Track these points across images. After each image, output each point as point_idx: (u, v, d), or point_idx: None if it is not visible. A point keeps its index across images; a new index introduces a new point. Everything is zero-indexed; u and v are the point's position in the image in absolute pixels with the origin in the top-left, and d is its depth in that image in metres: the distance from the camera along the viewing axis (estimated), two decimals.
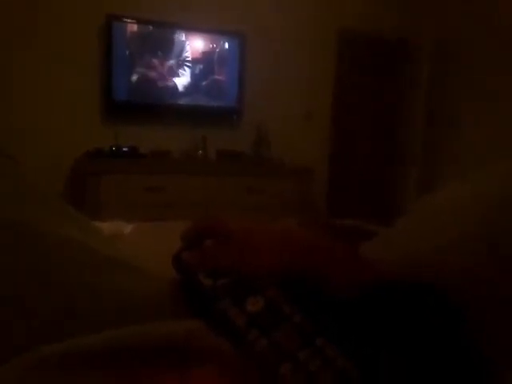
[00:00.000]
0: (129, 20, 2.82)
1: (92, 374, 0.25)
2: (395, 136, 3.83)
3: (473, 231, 0.38)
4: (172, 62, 2.95)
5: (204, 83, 3.05)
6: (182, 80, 2.99)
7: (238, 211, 2.68)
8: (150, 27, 2.88)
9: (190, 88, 3.02)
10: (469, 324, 0.31)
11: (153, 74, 2.92)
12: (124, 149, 2.71)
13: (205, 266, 0.36)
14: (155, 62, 2.91)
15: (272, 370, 0.28)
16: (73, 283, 0.32)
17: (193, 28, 2.99)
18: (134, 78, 2.87)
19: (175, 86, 2.98)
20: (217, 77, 3.08)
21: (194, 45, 3.00)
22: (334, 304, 0.32)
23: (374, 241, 0.45)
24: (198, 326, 0.29)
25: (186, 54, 2.98)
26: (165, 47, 2.93)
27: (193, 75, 3.02)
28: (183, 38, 2.96)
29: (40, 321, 0.29)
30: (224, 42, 3.07)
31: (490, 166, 0.44)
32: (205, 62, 3.03)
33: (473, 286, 0.35)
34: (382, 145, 3.80)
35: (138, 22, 2.85)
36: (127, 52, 2.83)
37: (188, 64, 2.99)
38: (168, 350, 0.27)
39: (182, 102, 3.01)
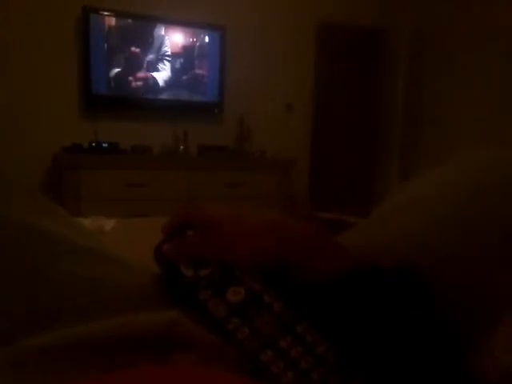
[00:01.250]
0: (106, 13, 2.76)
1: (74, 365, 0.25)
2: (376, 125, 3.87)
3: (452, 216, 0.39)
4: (152, 56, 2.92)
5: (184, 77, 3.02)
6: (163, 74, 2.96)
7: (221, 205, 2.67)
8: (129, 20, 2.83)
9: (170, 82, 2.99)
10: (446, 305, 0.32)
11: (132, 69, 2.87)
12: (104, 145, 2.67)
13: (185, 257, 0.36)
14: (134, 55, 2.87)
15: (253, 357, 0.28)
16: (54, 275, 0.32)
17: (172, 21, 2.95)
18: (113, 72, 2.83)
19: (155, 81, 2.95)
20: (197, 71, 3.06)
21: (174, 38, 2.96)
22: (314, 290, 0.33)
23: (353, 229, 0.46)
24: (179, 316, 0.30)
25: (166, 48, 2.95)
26: (144, 41, 2.89)
27: (173, 69, 2.98)
28: (163, 32, 2.92)
29: (21, 313, 0.29)
30: (204, 36, 3.04)
31: (467, 153, 0.45)
32: (185, 56, 3.00)
33: (452, 269, 0.36)
34: (363, 135, 3.84)
35: (116, 14, 2.79)
36: (106, 45, 2.78)
37: (168, 58, 2.96)
38: (149, 339, 0.27)
39: (163, 96, 2.98)
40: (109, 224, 1.15)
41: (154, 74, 2.94)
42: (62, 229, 0.37)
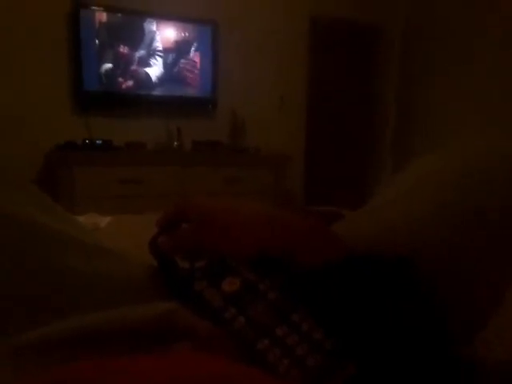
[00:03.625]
0: (96, 7, 2.74)
1: (73, 357, 0.26)
2: (370, 119, 3.88)
3: (448, 203, 0.39)
4: (143, 51, 2.90)
5: (176, 73, 3.01)
6: (155, 70, 2.94)
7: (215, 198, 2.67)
8: (119, 15, 2.81)
9: (162, 78, 2.97)
10: (440, 294, 0.32)
11: (124, 64, 2.85)
12: (97, 141, 2.65)
13: (180, 249, 0.37)
14: (126, 51, 2.85)
15: (250, 346, 0.29)
16: (54, 270, 0.33)
17: (163, 16, 2.93)
18: (105, 68, 2.81)
19: (148, 76, 2.93)
20: (190, 66, 3.04)
21: (166, 34, 2.94)
22: (309, 278, 0.33)
23: (343, 221, 0.46)
24: (176, 307, 0.30)
25: (158, 43, 2.93)
26: (135, 36, 2.86)
27: (165, 65, 2.97)
28: (154, 27, 2.90)
29: (21, 307, 0.30)
30: (196, 31, 3.02)
31: (453, 145, 0.45)
32: (177, 51, 2.99)
33: (448, 256, 0.37)
34: (357, 128, 3.85)
35: (106, 9, 2.77)
36: (96, 41, 2.76)
37: (160, 53, 2.94)
38: (148, 330, 0.28)
39: (155, 92, 2.97)
40: (103, 221, 1.15)
41: (146, 70, 2.92)
42: (58, 223, 0.37)
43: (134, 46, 2.87)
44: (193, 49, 3.03)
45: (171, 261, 0.36)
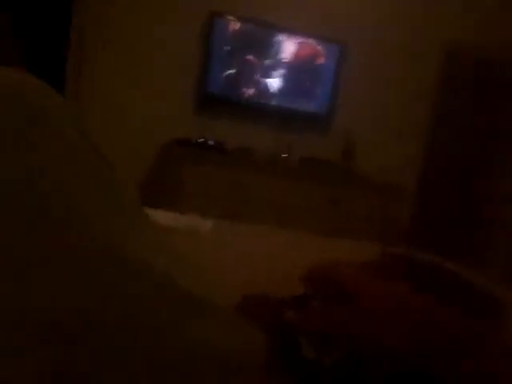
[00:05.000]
0: (231, 18, 2.86)
1: None
2: (493, 167, 3.42)
3: None
4: (268, 62, 2.94)
5: (297, 87, 3.00)
6: (276, 81, 2.97)
7: (315, 220, 2.58)
8: (252, 26, 2.90)
9: (282, 90, 2.98)
10: None
11: (248, 72, 2.92)
12: (210, 142, 2.74)
13: (308, 330, 0.29)
14: (252, 60, 2.91)
15: None
16: (158, 329, 0.28)
17: (293, 31, 2.95)
18: (230, 73, 2.90)
19: (268, 87, 2.96)
20: (310, 82, 3.01)
21: (292, 48, 2.95)
22: None
23: None
24: None
25: (283, 56, 2.95)
26: (263, 47, 2.93)
27: (286, 77, 2.98)
28: (282, 40, 2.93)
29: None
30: (324, 49, 2.99)
31: None
32: (300, 66, 2.98)
33: None
34: (477, 175, 3.43)
35: (240, 20, 2.87)
36: (227, 48, 2.87)
37: (283, 66, 2.96)
38: None
39: (273, 103, 2.99)
40: (205, 225, 1.12)
41: (268, 80, 2.95)
42: (167, 263, 0.33)
43: (260, 57, 2.92)
44: (316, 65, 2.99)
45: (296, 342, 0.28)
